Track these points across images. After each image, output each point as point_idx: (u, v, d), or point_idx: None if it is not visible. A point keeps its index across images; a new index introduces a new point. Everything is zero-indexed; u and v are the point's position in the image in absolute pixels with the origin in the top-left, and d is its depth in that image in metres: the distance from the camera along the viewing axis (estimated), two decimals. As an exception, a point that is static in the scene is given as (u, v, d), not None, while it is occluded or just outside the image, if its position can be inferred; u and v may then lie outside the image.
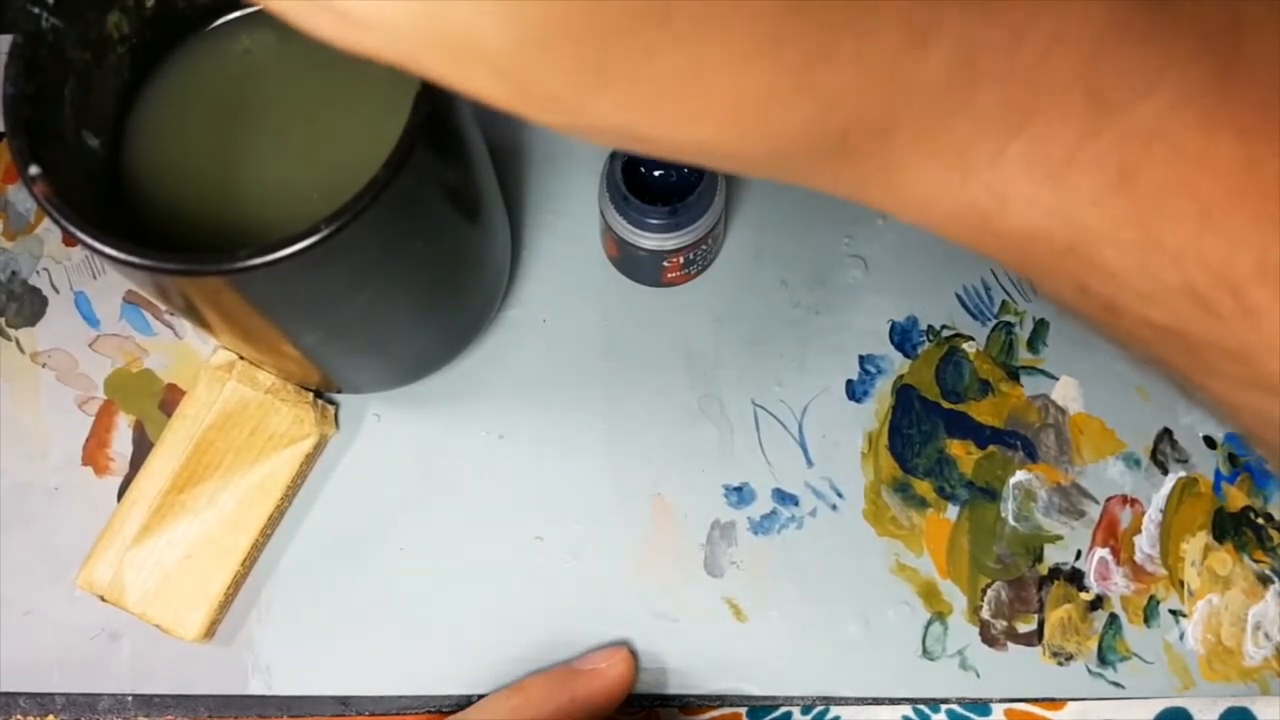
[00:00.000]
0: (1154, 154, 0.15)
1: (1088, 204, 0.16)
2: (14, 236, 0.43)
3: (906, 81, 0.14)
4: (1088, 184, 0.16)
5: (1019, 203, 0.16)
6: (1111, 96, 0.15)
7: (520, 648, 0.39)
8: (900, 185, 0.16)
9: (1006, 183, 0.16)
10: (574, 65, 0.14)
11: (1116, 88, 0.15)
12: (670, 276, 0.41)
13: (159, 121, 0.33)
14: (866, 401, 0.42)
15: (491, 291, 0.40)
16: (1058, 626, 0.40)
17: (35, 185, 0.26)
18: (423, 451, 0.41)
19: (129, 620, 0.38)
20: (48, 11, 0.28)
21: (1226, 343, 0.17)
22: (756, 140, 0.15)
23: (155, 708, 0.39)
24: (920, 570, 0.40)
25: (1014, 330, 0.42)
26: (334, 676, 0.39)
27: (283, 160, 0.32)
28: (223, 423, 0.38)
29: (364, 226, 0.26)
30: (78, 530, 0.40)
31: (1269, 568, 0.40)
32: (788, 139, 0.15)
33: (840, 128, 0.15)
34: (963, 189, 0.16)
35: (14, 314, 0.43)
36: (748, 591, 0.40)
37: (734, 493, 0.41)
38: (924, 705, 0.39)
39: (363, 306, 0.31)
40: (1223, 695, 0.39)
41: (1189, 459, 0.41)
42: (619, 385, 0.42)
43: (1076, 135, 0.15)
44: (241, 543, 0.38)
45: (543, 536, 0.40)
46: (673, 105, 0.14)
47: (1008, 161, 0.16)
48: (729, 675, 0.39)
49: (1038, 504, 0.41)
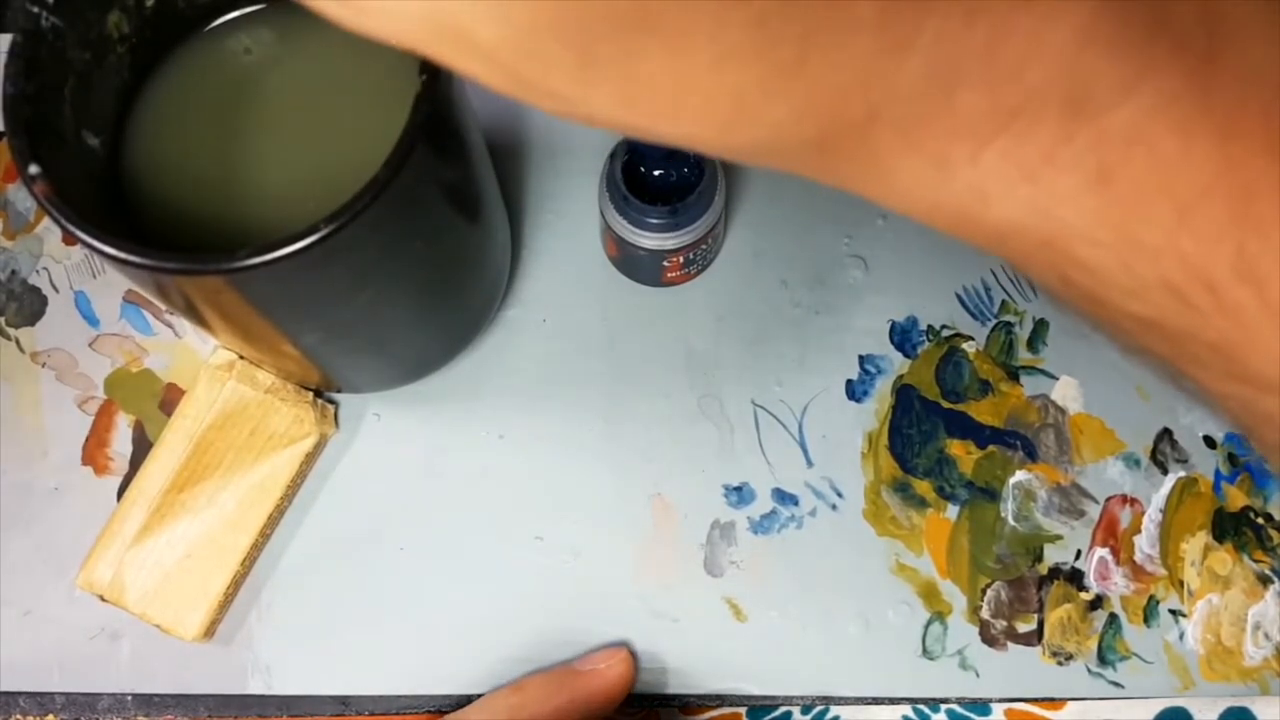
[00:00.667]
0: (1131, 156, 0.16)
1: (1066, 202, 0.16)
2: (14, 236, 0.43)
3: (885, 83, 0.15)
4: (1065, 183, 0.16)
5: (999, 199, 0.16)
6: (1089, 99, 0.15)
7: (520, 647, 0.39)
8: (883, 178, 0.17)
9: (986, 180, 0.16)
10: (564, 63, 0.14)
11: (1094, 91, 0.15)
12: (670, 276, 0.41)
13: (159, 121, 0.33)
14: (866, 401, 0.42)
15: (491, 291, 0.40)
16: (1057, 626, 0.40)
17: (35, 185, 0.26)
18: (423, 451, 0.41)
19: (129, 620, 0.38)
20: (48, 11, 0.28)
21: (1207, 335, 0.17)
22: (740, 135, 0.16)
23: (155, 707, 0.39)
24: (920, 570, 0.40)
25: (1014, 330, 0.42)
26: (334, 676, 0.39)
27: (283, 160, 0.32)
28: (222, 422, 0.38)
29: (364, 226, 0.26)
30: (78, 530, 0.40)
31: (1269, 568, 0.40)
32: (770, 134, 0.15)
33: (821, 125, 0.15)
34: (944, 184, 0.16)
35: (14, 313, 0.43)
36: (748, 591, 0.40)
37: (734, 493, 0.41)
38: (924, 705, 0.39)
39: (363, 306, 0.31)
40: (1222, 695, 0.39)
41: (1189, 459, 0.41)
42: (619, 385, 0.42)
43: (1054, 137, 0.16)
44: (241, 542, 0.38)
45: (543, 536, 0.40)
46: (660, 102, 0.15)
47: (987, 160, 0.16)
48: (729, 675, 0.39)
49: (1037, 504, 0.41)
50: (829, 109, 0.15)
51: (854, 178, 0.17)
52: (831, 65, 0.14)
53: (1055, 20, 0.15)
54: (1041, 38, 0.15)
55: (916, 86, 0.15)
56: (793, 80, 0.14)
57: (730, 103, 0.15)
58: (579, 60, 0.14)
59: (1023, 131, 0.16)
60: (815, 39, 0.14)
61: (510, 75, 0.15)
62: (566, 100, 0.15)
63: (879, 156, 0.16)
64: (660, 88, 0.15)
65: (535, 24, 0.14)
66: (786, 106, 0.15)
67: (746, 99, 0.15)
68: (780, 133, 0.15)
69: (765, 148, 0.16)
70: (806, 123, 0.15)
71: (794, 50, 0.14)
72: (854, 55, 0.14)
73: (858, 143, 0.16)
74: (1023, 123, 0.15)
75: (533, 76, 0.15)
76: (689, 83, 0.14)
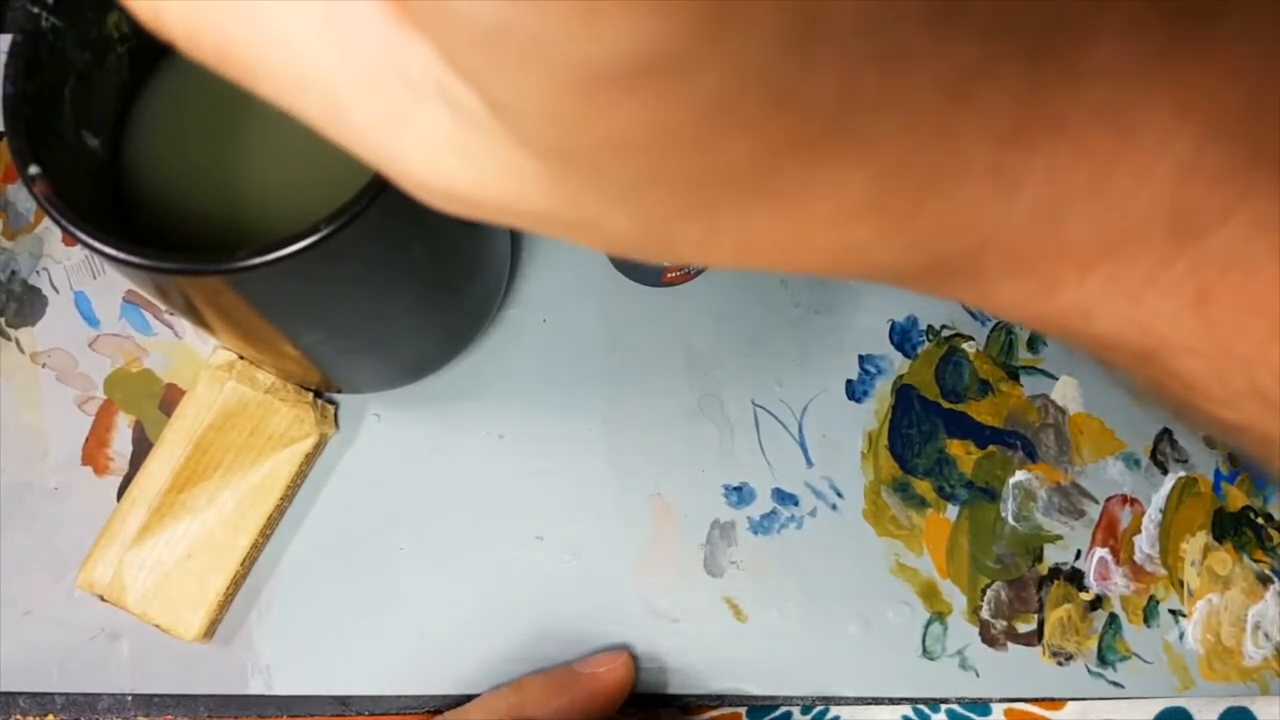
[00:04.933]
0: (1228, 278, 0.16)
1: (1165, 319, 0.17)
2: (14, 236, 0.43)
3: (995, 222, 0.15)
4: (1166, 305, 0.16)
5: (1101, 316, 0.17)
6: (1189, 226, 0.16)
7: (520, 647, 0.39)
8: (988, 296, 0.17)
9: (1090, 300, 0.17)
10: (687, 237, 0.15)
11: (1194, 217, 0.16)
12: (670, 276, 0.41)
13: (159, 121, 0.33)
14: (866, 401, 0.42)
15: (491, 291, 0.40)
16: (1057, 626, 0.40)
17: (35, 185, 0.26)
18: (423, 451, 0.41)
19: (129, 620, 0.38)
20: (48, 11, 0.28)
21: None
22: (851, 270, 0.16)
23: (155, 707, 0.39)
24: (920, 570, 0.40)
25: (1014, 330, 0.42)
26: (334, 676, 0.39)
27: (283, 160, 0.32)
28: (222, 423, 0.38)
29: (364, 227, 0.26)
30: (78, 530, 0.40)
31: (1269, 568, 0.40)
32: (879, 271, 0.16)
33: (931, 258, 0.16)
34: (1048, 303, 0.17)
35: (14, 314, 0.43)
36: (748, 591, 0.40)
37: (734, 493, 0.41)
38: (924, 705, 0.39)
39: (363, 307, 0.31)
40: (1222, 695, 0.39)
41: (1189, 459, 0.41)
42: (619, 385, 0.42)
43: (1156, 261, 0.16)
44: (241, 543, 0.38)
45: (543, 536, 0.40)
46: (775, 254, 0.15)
47: (1091, 283, 0.16)
48: (729, 675, 0.39)
49: (1037, 504, 0.41)
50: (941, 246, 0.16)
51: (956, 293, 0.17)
52: (946, 210, 0.15)
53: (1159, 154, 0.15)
54: (1146, 172, 0.15)
55: (1025, 221, 0.15)
56: (908, 225, 0.15)
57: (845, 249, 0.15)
58: (702, 231, 0.14)
59: (1126, 258, 0.16)
60: (931, 189, 0.14)
61: (629, 248, 0.15)
62: (684, 260, 0.16)
63: (985, 279, 0.17)
64: (777, 243, 0.15)
65: (668, 211, 0.14)
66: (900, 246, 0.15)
67: (861, 245, 0.15)
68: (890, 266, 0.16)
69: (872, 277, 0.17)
70: (917, 257, 0.16)
71: (910, 201, 0.14)
72: (965, 201, 0.15)
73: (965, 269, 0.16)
74: (1126, 250, 0.16)
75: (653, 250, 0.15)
76: (806, 237, 0.15)
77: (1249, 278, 0.16)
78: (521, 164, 0.13)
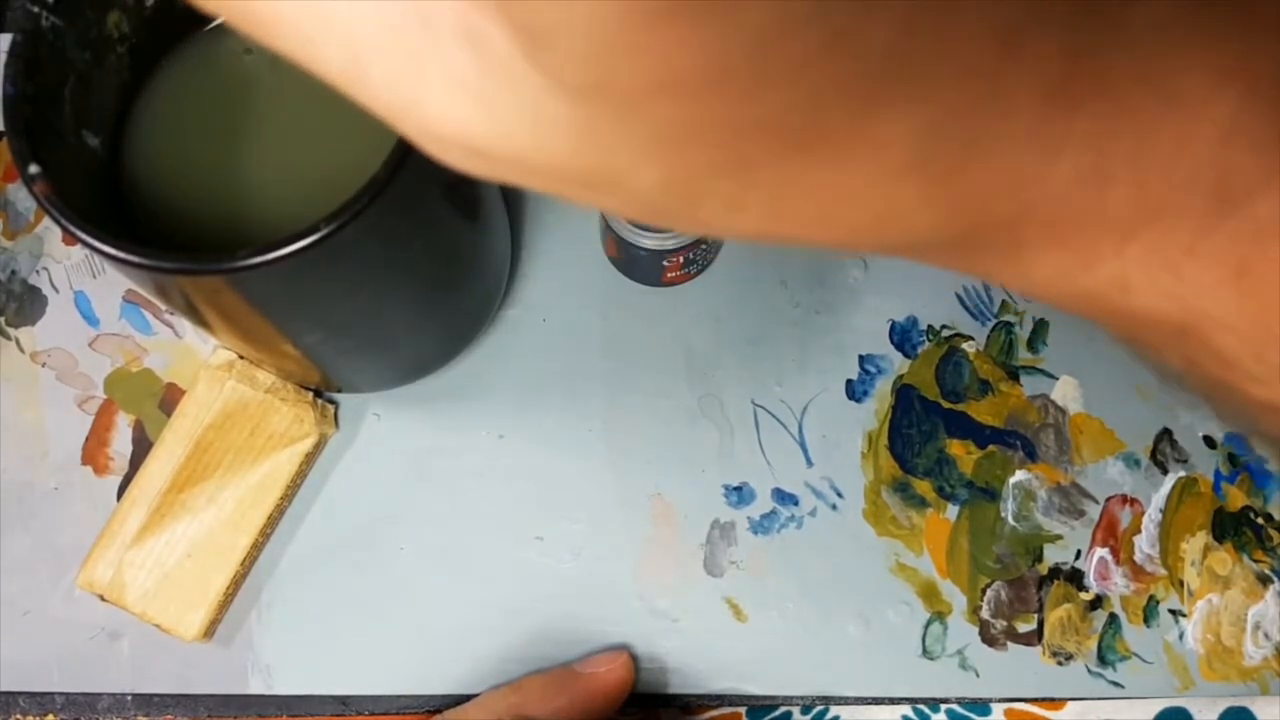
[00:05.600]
0: (1267, 250, 0.16)
1: (1205, 292, 0.16)
2: (14, 236, 0.43)
3: (1037, 187, 0.15)
4: (1206, 277, 0.16)
5: (1140, 290, 0.17)
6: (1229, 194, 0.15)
7: (520, 647, 0.39)
8: (1024, 270, 0.17)
9: (1129, 272, 0.16)
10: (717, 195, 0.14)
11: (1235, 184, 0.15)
12: (670, 276, 0.41)
13: (159, 121, 0.33)
14: (866, 401, 0.42)
15: (491, 291, 0.40)
16: (1057, 626, 0.40)
17: (35, 185, 0.26)
18: (423, 451, 0.41)
19: (129, 620, 0.38)
20: (48, 11, 0.28)
21: None
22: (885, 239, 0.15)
23: (155, 707, 0.39)
24: (920, 570, 0.40)
25: (1014, 330, 0.42)
26: (333, 676, 0.39)
27: (283, 160, 0.32)
28: (222, 422, 0.38)
29: (363, 226, 0.26)
30: (78, 530, 0.40)
31: (1269, 568, 0.40)
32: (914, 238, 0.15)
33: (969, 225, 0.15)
34: (1086, 276, 0.17)
35: (14, 313, 0.43)
36: (748, 591, 0.40)
37: (734, 493, 0.41)
38: (924, 705, 0.39)
39: (363, 306, 0.31)
40: (1222, 695, 0.39)
41: (1189, 459, 0.41)
42: (619, 385, 0.42)
43: (1197, 229, 0.16)
44: (241, 542, 0.38)
45: (543, 536, 0.40)
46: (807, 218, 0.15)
47: (1131, 253, 0.16)
48: (729, 675, 0.39)
49: (1037, 504, 0.41)
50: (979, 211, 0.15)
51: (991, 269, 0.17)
52: (987, 172, 0.14)
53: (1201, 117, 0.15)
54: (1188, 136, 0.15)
55: (1067, 189, 0.15)
56: (950, 187, 0.14)
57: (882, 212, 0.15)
58: (734, 189, 0.14)
59: (1167, 226, 0.16)
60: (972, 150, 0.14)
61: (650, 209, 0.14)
62: (706, 226, 0.15)
63: (1022, 251, 0.16)
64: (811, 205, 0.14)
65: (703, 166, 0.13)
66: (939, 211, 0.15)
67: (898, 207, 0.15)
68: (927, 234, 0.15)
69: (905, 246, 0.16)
70: (955, 224, 0.15)
71: (952, 161, 0.14)
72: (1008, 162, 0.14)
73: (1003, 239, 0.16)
74: (1168, 218, 0.16)
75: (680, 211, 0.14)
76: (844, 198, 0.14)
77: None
78: (548, 109, 0.13)
